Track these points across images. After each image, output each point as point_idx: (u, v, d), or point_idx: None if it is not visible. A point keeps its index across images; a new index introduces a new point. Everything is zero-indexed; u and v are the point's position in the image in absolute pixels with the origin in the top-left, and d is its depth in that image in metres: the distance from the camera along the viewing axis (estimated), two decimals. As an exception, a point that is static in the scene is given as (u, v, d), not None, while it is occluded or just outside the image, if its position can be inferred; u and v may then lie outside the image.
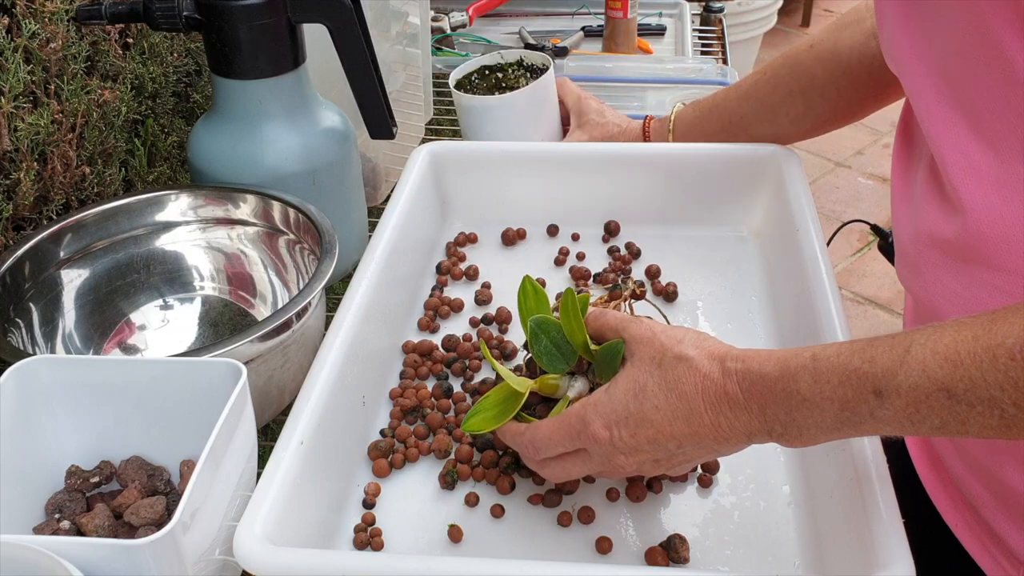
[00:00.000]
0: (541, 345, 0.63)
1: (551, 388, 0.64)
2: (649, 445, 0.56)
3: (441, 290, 0.88)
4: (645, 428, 0.55)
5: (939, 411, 0.46)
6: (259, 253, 0.85)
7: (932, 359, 0.46)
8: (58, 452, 0.63)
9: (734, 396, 0.53)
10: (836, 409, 0.49)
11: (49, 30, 0.80)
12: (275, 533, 0.55)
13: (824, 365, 0.49)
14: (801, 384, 0.50)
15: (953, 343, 0.45)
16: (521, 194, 0.95)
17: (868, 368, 0.48)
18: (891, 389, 0.47)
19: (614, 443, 0.56)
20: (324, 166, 0.85)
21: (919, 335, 0.47)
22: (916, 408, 0.47)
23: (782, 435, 0.52)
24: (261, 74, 0.81)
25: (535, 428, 0.60)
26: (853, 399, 0.48)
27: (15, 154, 0.79)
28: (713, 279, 0.88)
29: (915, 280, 0.61)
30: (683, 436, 0.55)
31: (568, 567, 0.54)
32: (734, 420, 0.53)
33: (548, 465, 0.61)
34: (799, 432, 0.51)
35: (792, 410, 0.51)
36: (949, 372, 0.45)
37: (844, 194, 2.89)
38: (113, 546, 0.49)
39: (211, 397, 0.59)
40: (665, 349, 0.56)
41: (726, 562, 0.62)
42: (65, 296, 0.78)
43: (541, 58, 1.05)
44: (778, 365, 0.51)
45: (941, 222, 0.56)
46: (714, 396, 0.53)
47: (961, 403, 0.45)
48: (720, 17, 1.54)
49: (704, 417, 0.54)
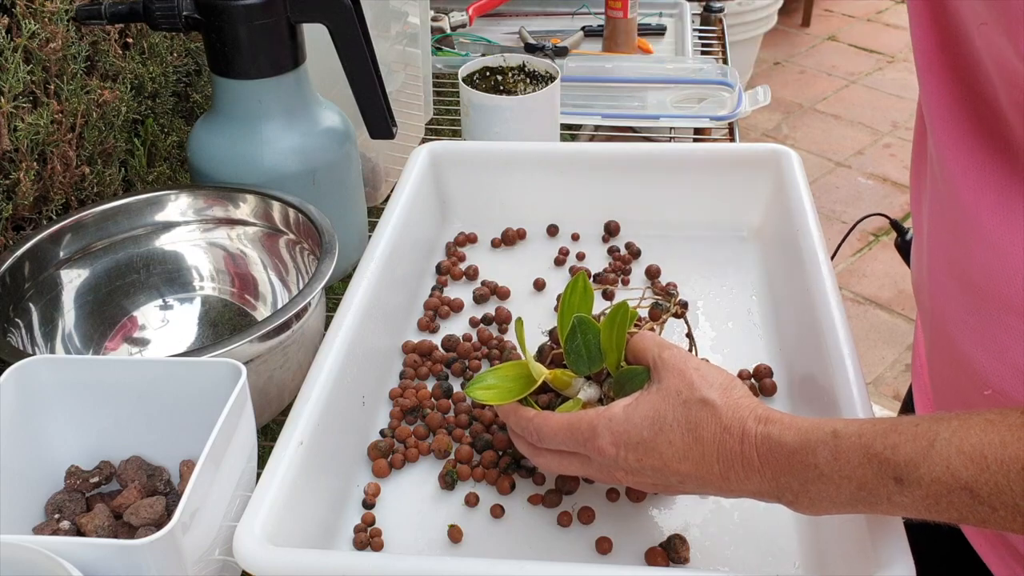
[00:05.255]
0: (575, 343, 0.63)
1: (563, 384, 0.64)
2: (652, 472, 0.56)
3: (441, 290, 0.88)
4: (653, 458, 0.55)
5: (959, 507, 0.46)
6: (259, 253, 0.85)
7: (957, 458, 0.45)
8: (58, 452, 0.63)
9: (749, 458, 0.52)
10: (853, 488, 0.49)
11: (49, 30, 0.80)
12: (275, 533, 0.55)
13: (845, 444, 0.49)
14: (820, 459, 0.50)
15: (980, 445, 0.45)
16: (521, 194, 0.95)
17: (890, 455, 0.47)
18: (912, 480, 0.47)
19: (618, 461, 0.56)
20: (324, 166, 0.85)
21: (944, 428, 0.46)
22: (936, 501, 0.46)
23: (792, 502, 0.52)
24: (261, 74, 0.81)
25: (544, 417, 0.60)
26: (872, 481, 0.48)
27: (15, 154, 0.79)
28: (713, 279, 0.88)
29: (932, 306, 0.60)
30: (688, 475, 0.55)
31: (568, 567, 0.54)
32: (744, 480, 0.53)
33: (544, 455, 0.61)
34: (810, 503, 0.51)
35: (807, 482, 0.51)
36: (974, 474, 0.45)
37: (844, 194, 2.88)
38: (113, 546, 0.49)
39: (211, 397, 0.59)
40: (693, 388, 0.55)
41: (726, 562, 0.62)
42: (65, 296, 0.78)
43: (545, 65, 1.05)
44: (798, 436, 0.51)
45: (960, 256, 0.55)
46: (729, 452, 0.53)
47: (984, 505, 0.45)
48: (720, 17, 1.54)
49: (714, 467, 0.54)
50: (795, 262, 0.79)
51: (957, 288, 0.56)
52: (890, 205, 2.84)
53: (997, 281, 0.51)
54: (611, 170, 0.93)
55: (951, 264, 0.56)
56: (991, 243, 0.51)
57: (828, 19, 4.09)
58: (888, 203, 2.86)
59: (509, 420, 0.63)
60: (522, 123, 1.01)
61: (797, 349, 0.75)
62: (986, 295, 0.53)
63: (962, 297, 0.55)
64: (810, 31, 3.98)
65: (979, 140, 0.52)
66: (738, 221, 0.93)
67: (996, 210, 0.51)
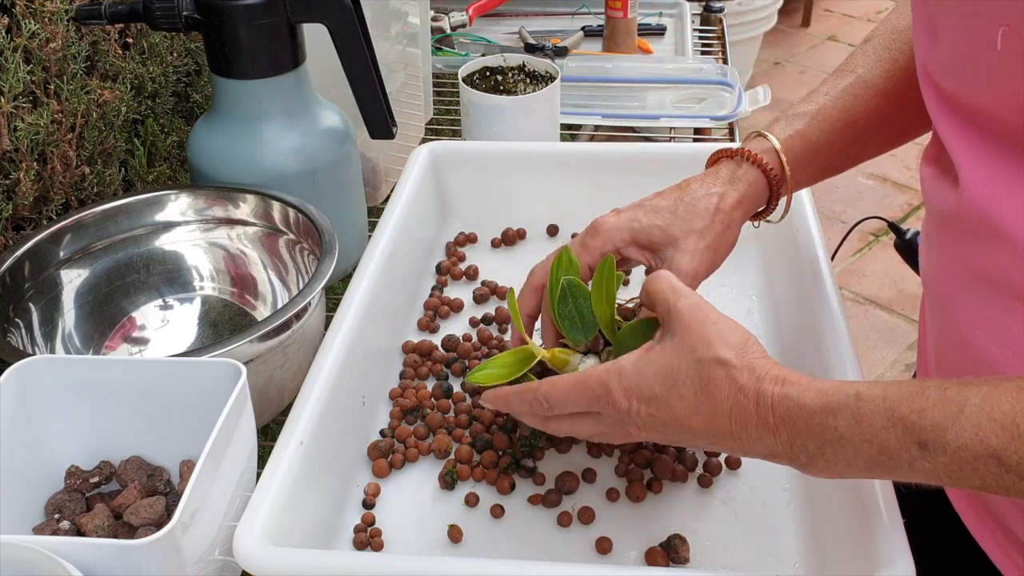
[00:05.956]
0: (567, 307, 0.63)
1: (561, 362, 0.63)
2: (664, 428, 0.55)
3: (441, 290, 0.88)
4: (665, 412, 0.54)
5: (984, 474, 0.45)
6: (259, 253, 0.85)
7: (988, 424, 0.44)
8: (58, 452, 0.63)
9: (765, 419, 0.51)
10: (873, 452, 0.48)
11: (49, 30, 0.80)
12: (275, 533, 0.55)
13: (868, 407, 0.48)
14: (840, 421, 0.49)
15: (1012, 412, 0.44)
16: (521, 194, 0.95)
17: (916, 419, 0.46)
18: (938, 445, 0.46)
19: (631, 415, 0.55)
20: (324, 166, 0.85)
21: (974, 394, 0.46)
22: (960, 467, 0.46)
23: (806, 465, 0.51)
24: (261, 74, 0.81)
25: (551, 383, 0.58)
26: (895, 446, 0.47)
27: (15, 154, 0.79)
28: (713, 279, 0.88)
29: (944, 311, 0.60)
30: (701, 432, 0.54)
31: (568, 567, 0.54)
32: (758, 440, 0.52)
33: (555, 421, 0.60)
34: (825, 465, 0.50)
35: (825, 445, 0.50)
36: (1004, 441, 0.44)
37: (844, 194, 2.88)
38: (113, 546, 0.49)
39: (211, 397, 0.59)
40: (709, 346, 0.53)
41: (726, 562, 0.62)
42: (65, 296, 0.78)
43: (545, 65, 1.05)
44: (819, 397, 0.50)
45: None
46: (743, 413, 0.52)
47: (1011, 473, 0.44)
48: (720, 17, 1.54)
49: (727, 426, 0.53)
50: (795, 262, 0.79)
51: (970, 279, 0.56)
52: (890, 205, 2.84)
53: (1014, 272, 0.51)
54: (611, 170, 0.93)
55: (963, 255, 0.56)
56: (1007, 235, 0.51)
57: (828, 19, 4.08)
58: (888, 203, 2.86)
59: (512, 402, 0.61)
60: (522, 123, 1.01)
61: (797, 349, 0.75)
62: (1001, 286, 0.52)
63: (974, 288, 0.55)
64: (810, 31, 3.98)
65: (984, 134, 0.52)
66: (738, 221, 0.93)
67: (1005, 200, 0.51)
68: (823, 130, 0.68)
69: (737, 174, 0.68)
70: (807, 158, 0.69)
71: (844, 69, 0.70)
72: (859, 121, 0.68)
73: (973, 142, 0.53)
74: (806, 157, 0.68)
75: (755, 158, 0.68)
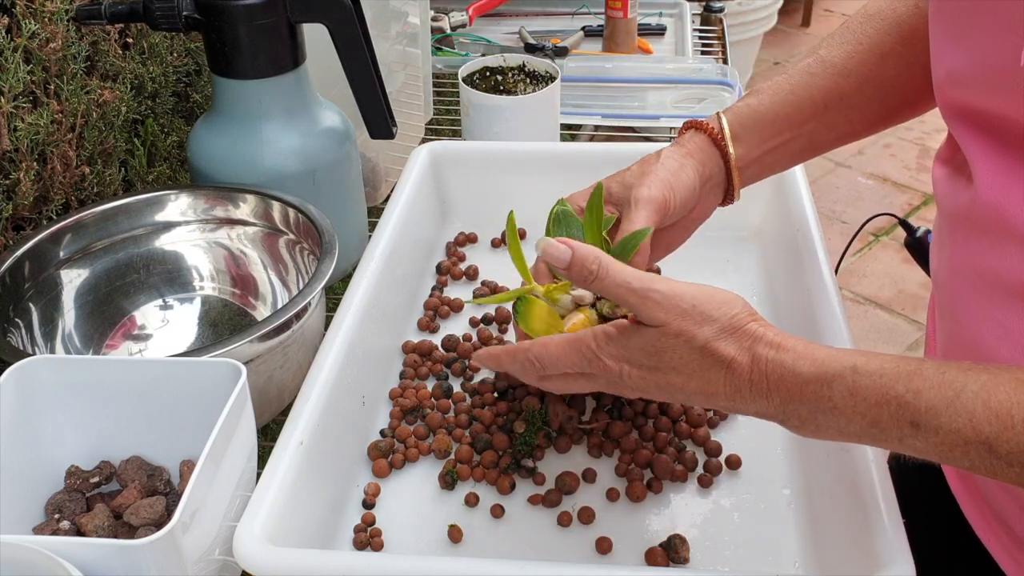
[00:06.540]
0: (560, 234, 0.64)
1: (554, 299, 0.63)
2: (657, 389, 0.55)
3: (441, 290, 0.88)
4: (656, 376, 0.54)
5: (973, 458, 0.46)
6: (259, 253, 0.85)
7: (983, 412, 0.45)
8: (58, 452, 0.63)
9: (758, 384, 0.52)
10: (865, 424, 0.49)
11: (49, 30, 0.80)
12: (275, 533, 0.55)
13: (864, 381, 0.48)
14: (835, 392, 0.49)
15: (1008, 402, 0.45)
16: (521, 194, 0.95)
17: (911, 399, 0.47)
18: (931, 427, 0.46)
19: (622, 377, 0.55)
20: (324, 166, 0.85)
21: (972, 380, 0.46)
22: (950, 449, 0.46)
23: (797, 427, 0.52)
24: (261, 74, 0.81)
25: (542, 345, 0.58)
26: (887, 422, 0.48)
27: (15, 154, 0.79)
28: (713, 279, 0.88)
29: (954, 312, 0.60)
30: (695, 392, 0.54)
31: (568, 567, 0.54)
32: (751, 401, 0.52)
33: (550, 380, 0.60)
34: (816, 430, 0.51)
35: (817, 412, 0.50)
36: (997, 430, 0.45)
37: (844, 194, 2.88)
38: (113, 546, 0.49)
39: (211, 397, 0.59)
40: (695, 336, 0.53)
41: (726, 562, 0.62)
42: (65, 296, 0.78)
43: (545, 65, 1.05)
44: (814, 366, 0.50)
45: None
46: (737, 378, 0.52)
47: (1001, 460, 0.45)
48: (720, 17, 1.54)
49: (721, 389, 0.53)
50: (795, 262, 0.79)
51: (981, 282, 0.56)
52: (890, 205, 2.84)
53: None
54: (611, 170, 0.93)
55: (975, 257, 0.56)
56: (1020, 234, 0.51)
57: (828, 19, 4.08)
58: (888, 203, 2.86)
59: (504, 361, 0.61)
60: (522, 123, 1.01)
61: (797, 349, 0.75)
62: (1012, 288, 0.53)
63: (985, 291, 0.55)
64: (810, 31, 3.98)
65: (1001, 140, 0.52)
66: (738, 221, 0.93)
67: (1021, 200, 0.51)
68: (773, 102, 0.70)
69: (682, 140, 0.71)
70: (755, 126, 0.70)
71: (811, 52, 0.72)
72: (816, 97, 0.69)
73: (989, 146, 0.53)
74: (754, 124, 0.70)
75: (698, 124, 0.71)
